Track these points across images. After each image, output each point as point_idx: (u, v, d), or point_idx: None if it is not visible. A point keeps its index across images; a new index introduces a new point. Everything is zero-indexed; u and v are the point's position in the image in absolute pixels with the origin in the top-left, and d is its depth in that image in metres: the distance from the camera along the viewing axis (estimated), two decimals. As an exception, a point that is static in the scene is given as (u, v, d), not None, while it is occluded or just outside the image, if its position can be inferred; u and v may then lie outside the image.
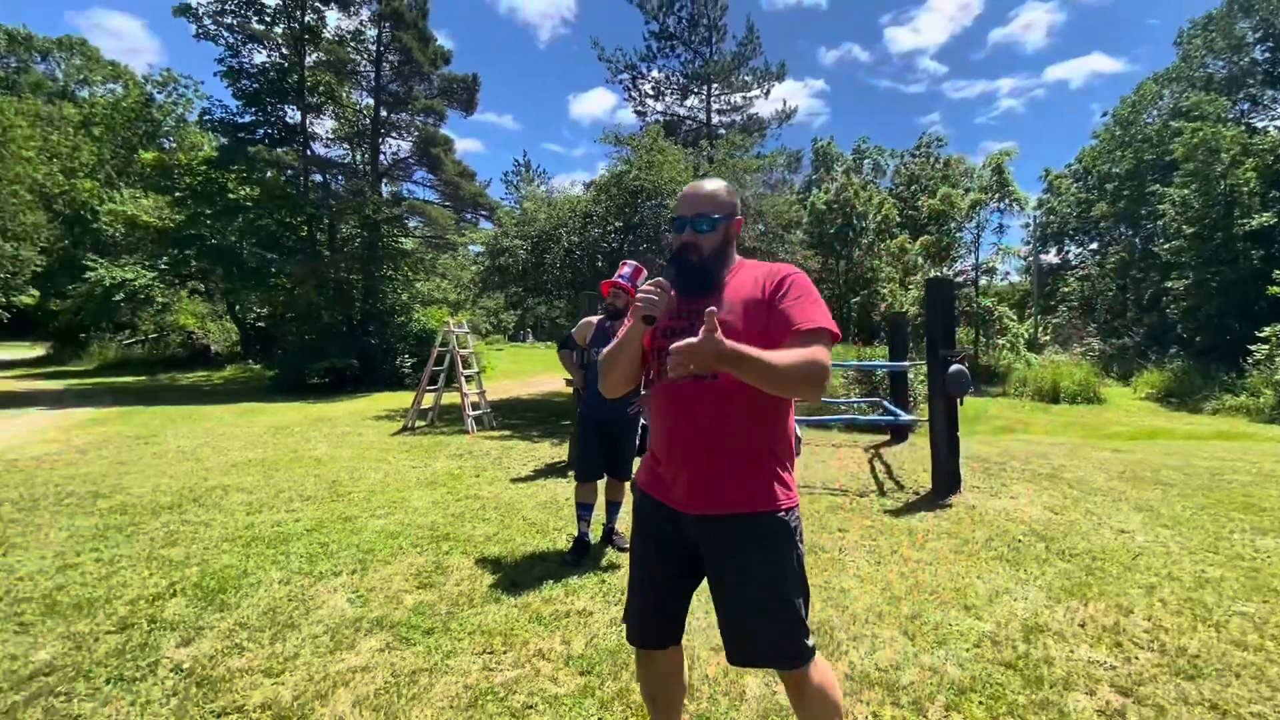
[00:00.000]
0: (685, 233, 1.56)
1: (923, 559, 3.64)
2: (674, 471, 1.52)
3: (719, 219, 1.56)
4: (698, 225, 1.54)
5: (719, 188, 1.59)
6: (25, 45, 42.14)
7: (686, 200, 1.58)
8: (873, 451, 7.56)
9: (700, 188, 1.59)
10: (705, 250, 1.54)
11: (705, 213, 1.55)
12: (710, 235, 1.55)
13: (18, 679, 2.25)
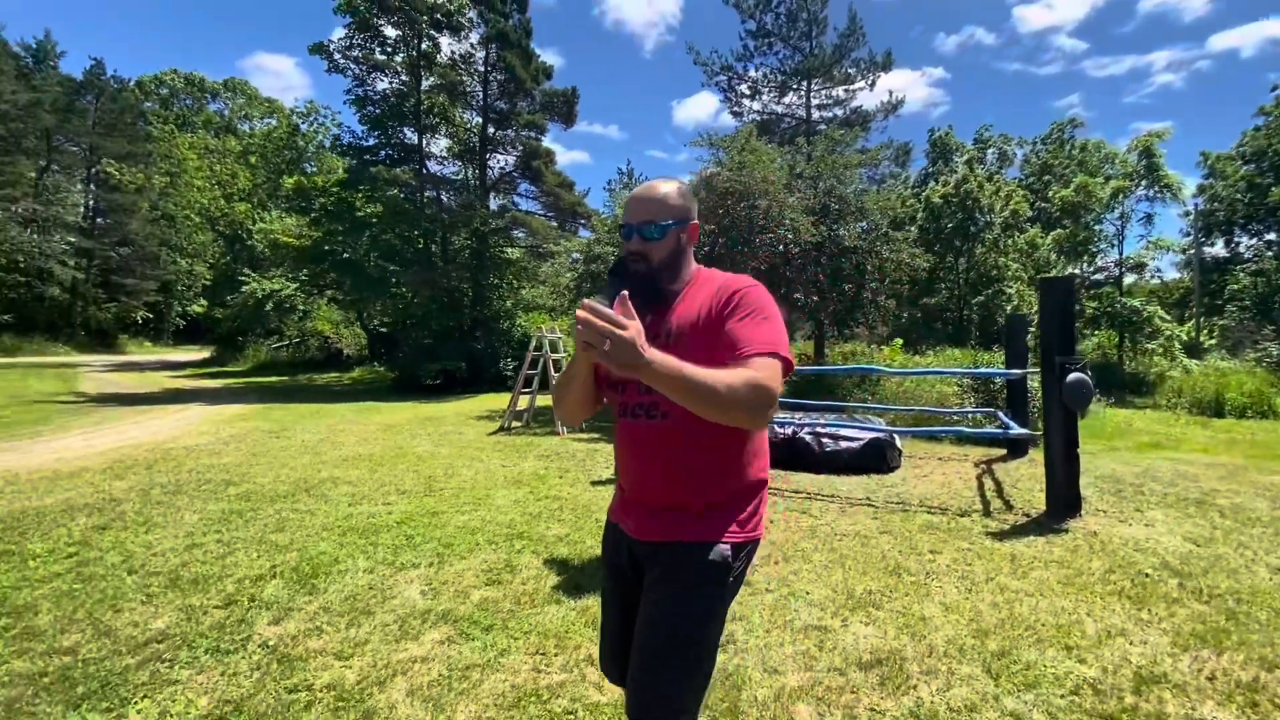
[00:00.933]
0: (632, 240, 1.40)
1: (1023, 589, 3.26)
2: (629, 500, 1.45)
3: (669, 225, 1.39)
4: (645, 232, 1.38)
5: (671, 190, 1.43)
6: (199, 88, 48.77)
7: (633, 205, 1.41)
8: (983, 467, 6.93)
9: (651, 190, 1.43)
10: (654, 260, 1.38)
11: (653, 219, 1.38)
12: (659, 243, 1.39)
13: (135, 644, 2.56)
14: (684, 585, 1.32)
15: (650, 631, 1.31)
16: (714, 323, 1.32)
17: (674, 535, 1.35)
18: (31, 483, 5.25)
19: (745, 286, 1.34)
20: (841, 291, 11.36)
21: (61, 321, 32.58)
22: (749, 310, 1.30)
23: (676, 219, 1.40)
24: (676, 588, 1.32)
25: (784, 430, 6.90)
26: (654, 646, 1.29)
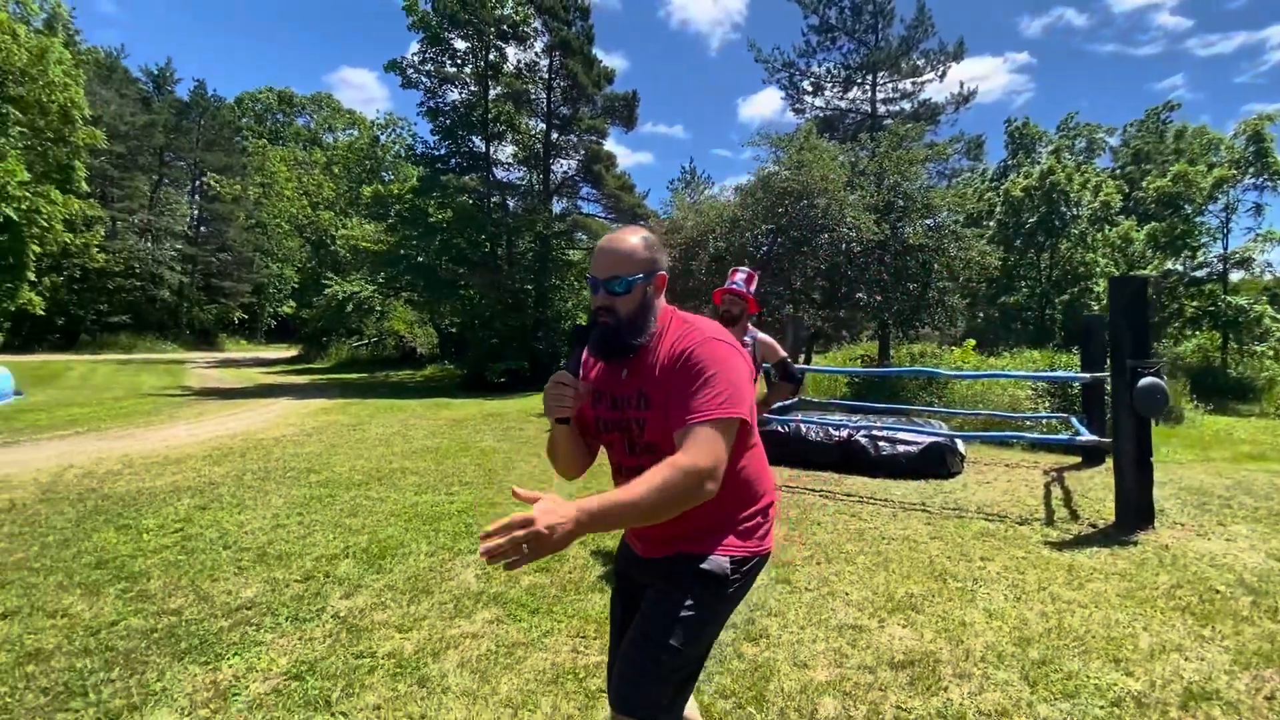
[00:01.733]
0: (599, 294, 1.39)
1: (1076, 600, 3.16)
2: (632, 534, 1.54)
3: (636, 279, 1.37)
4: (611, 287, 1.37)
5: (637, 243, 1.40)
6: (289, 103, 52.16)
7: (600, 259, 1.39)
8: (1054, 475, 6.63)
9: (617, 243, 1.40)
10: (620, 313, 1.37)
11: (619, 274, 1.37)
12: (626, 298, 1.37)
13: (228, 609, 2.90)
14: (679, 591, 1.35)
15: (639, 629, 1.35)
16: (669, 384, 1.32)
17: (675, 550, 1.40)
18: (145, 466, 5.89)
19: (693, 347, 1.32)
20: (906, 291, 11.05)
21: (170, 321, 35.74)
22: (694, 372, 1.29)
23: (644, 272, 1.38)
24: (671, 591, 1.36)
25: (839, 433, 6.83)
26: (640, 645, 1.33)
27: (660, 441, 1.32)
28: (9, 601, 2.90)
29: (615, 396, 1.41)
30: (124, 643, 2.57)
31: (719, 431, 1.22)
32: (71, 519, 4.19)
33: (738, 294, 3.48)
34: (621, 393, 1.40)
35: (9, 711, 2.08)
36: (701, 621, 1.34)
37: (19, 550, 3.58)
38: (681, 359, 1.32)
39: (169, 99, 39.91)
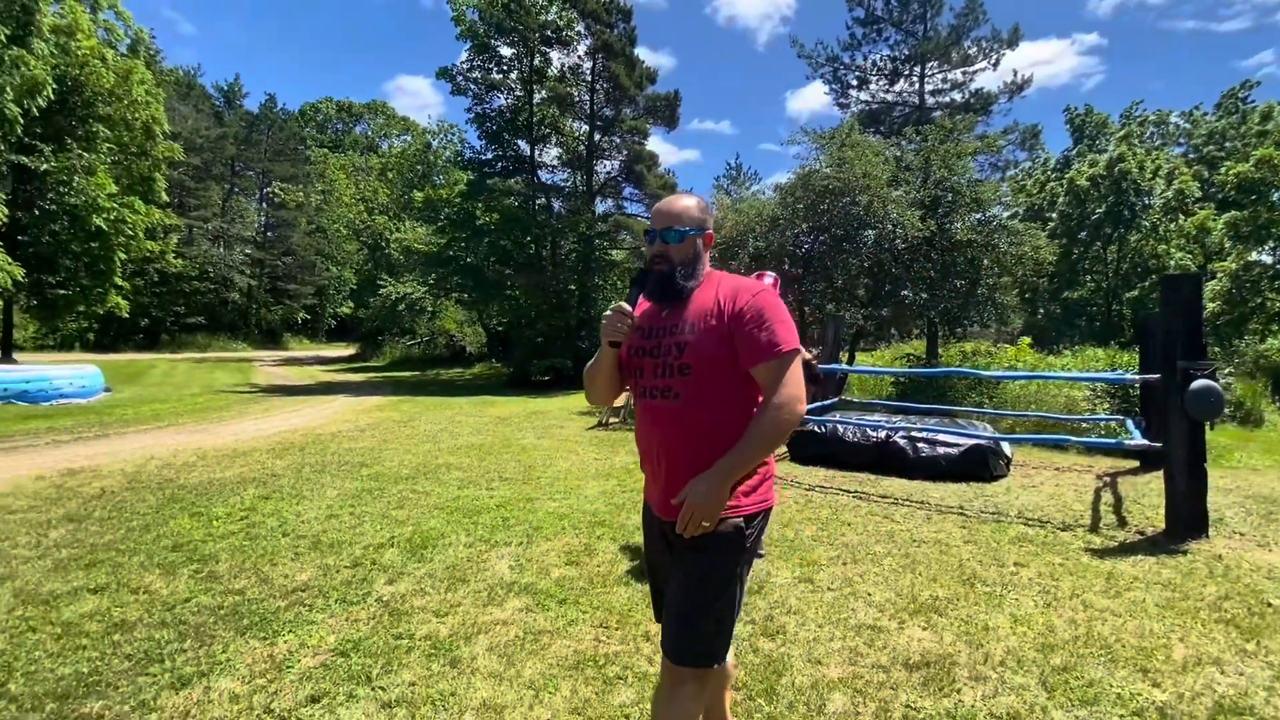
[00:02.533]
0: (655, 244, 1.65)
1: (1110, 609, 3.10)
2: (652, 478, 1.66)
3: (688, 231, 1.63)
4: (667, 236, 1.62)
5: (691, 203, 1.67)
6: (348, 112, 54.36)
7: (658, 215, 1.66)
8: (1106, 480, 6.39)
9: (674, 202, 1.67)
10: (675, 260, 1.62)
11: (674, 225, 1.62)
12: (679, 246, 1.62)
13: (285, 590, 3.16)
14: (704, 554, 1.54)
15: (680, 595, 1.54)
16: (725, 322, 1.54)
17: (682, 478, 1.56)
18: (216, 458, 6.36)
19: (754, 294, 1.55)
20: (953, 288, 10.74)
21: (240, 322, 37.92)
22: (761, 317, 1.51)
23: (695, 227, 1.64)
24: (698, 557, 1.54)
25: (876, 433, 6.75)
26: (685, 608, 1.53)
27: (694, 364, 1.54)
28: (100, 578, 3.24)
29: (653, 329, 1.62)
30: (195, 617, 2.84)
31: (798, 365, 1.52)
32: (152, 506, 4.60)
33: None
34: (662, 324, 1.61)
35: (99, 674, 2.36)
36: (732, 576, 1.55)
37: (109, 533, 3.97)
38: (743, 304, 1.54)
39: (239, 112, 42.32)
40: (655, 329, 1.62)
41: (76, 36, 16.14)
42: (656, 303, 1.64)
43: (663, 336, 1.59)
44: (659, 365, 1.58)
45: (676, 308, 1.61)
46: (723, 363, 1.53)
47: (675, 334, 1.57)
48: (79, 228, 17.44)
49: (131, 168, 19.36)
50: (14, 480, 5.22)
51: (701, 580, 1.53)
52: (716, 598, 1.53)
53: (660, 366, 1.58)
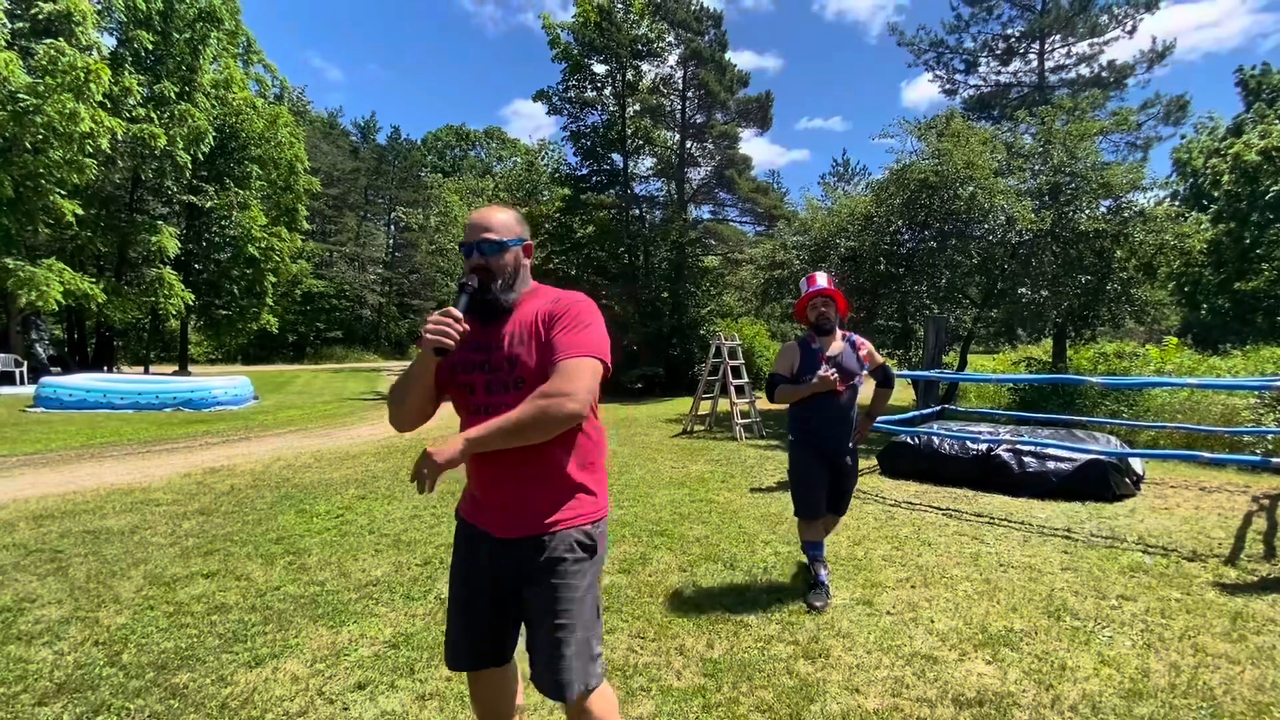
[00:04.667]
0: (473, 257, 1.57)
1: (1227, 654, 2.66)
2: (485, 497, 1.59)
3: (507, 243, 1.57)
4: (484, 249, 1.56)
5: (506, 216, 1.63)
6: (465, 139, 58.28)
7: (472, 228, 1.59)
8: (1264, 503, 5.48)
9: (488, 216, 1.61)
10: (495, 272, 1.55)
11: (491, 237, 1.56)
12: (497, 259, 1.56)
13: (359, 584, 3.45)
14: (560, 575, 1.50)
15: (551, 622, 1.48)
16: (542, 332, 1.53)
17: (537, 529, 1.52)
18: (329, 461, 7.06)
19: (571, 303, 1.56)
20: (1078, 284, 9.66)
21: (372, 335, 41.72)
22: (570, 322, 1.51)
23: (514, 238, 1.60)
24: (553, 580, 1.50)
25: (977, 446, 6.22)
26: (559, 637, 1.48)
27: (528, 377, 1.51)
28: (212, 565, 3.71)
29: (480, 343, 1.56)
30: (280, 604, 3.18)
31: (587, 368, 1.46)
32: (269, 502, 5.19)
33: (829, 294, 3.31)
34: (489, 339, 1.56)
35: (193, 649, 2.71)
36: (590, 588, 1.55)
37: (229, 525, 4.53)
38: (563, 309, 1.54)
39: (372, 146, 46.75)
40: (483, 343, 1.57)
41: (232, 89, 18.65)
42: (479, 317, 1.56)
43: (492, 350, 1.55)
44: (491, 381, 1.54)
45: (501, 321, 1.57)
46: (541, 375, 1.51)
47: (505, 347, 1.54)
48: (238, 256, 20.07)
49: (279, 201, 21.98)
50: (167, 477, 6.09)
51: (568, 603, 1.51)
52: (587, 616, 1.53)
53: (492, 382, 1.54)
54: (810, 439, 3.32)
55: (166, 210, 20.53)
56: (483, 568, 1.58)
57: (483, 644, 1.61)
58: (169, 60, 17.20)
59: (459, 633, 1.63)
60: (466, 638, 1.62)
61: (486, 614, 1.59)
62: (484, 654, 1.62)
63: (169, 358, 26.77)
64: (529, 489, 1.53)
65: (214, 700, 2.33)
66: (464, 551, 1.65)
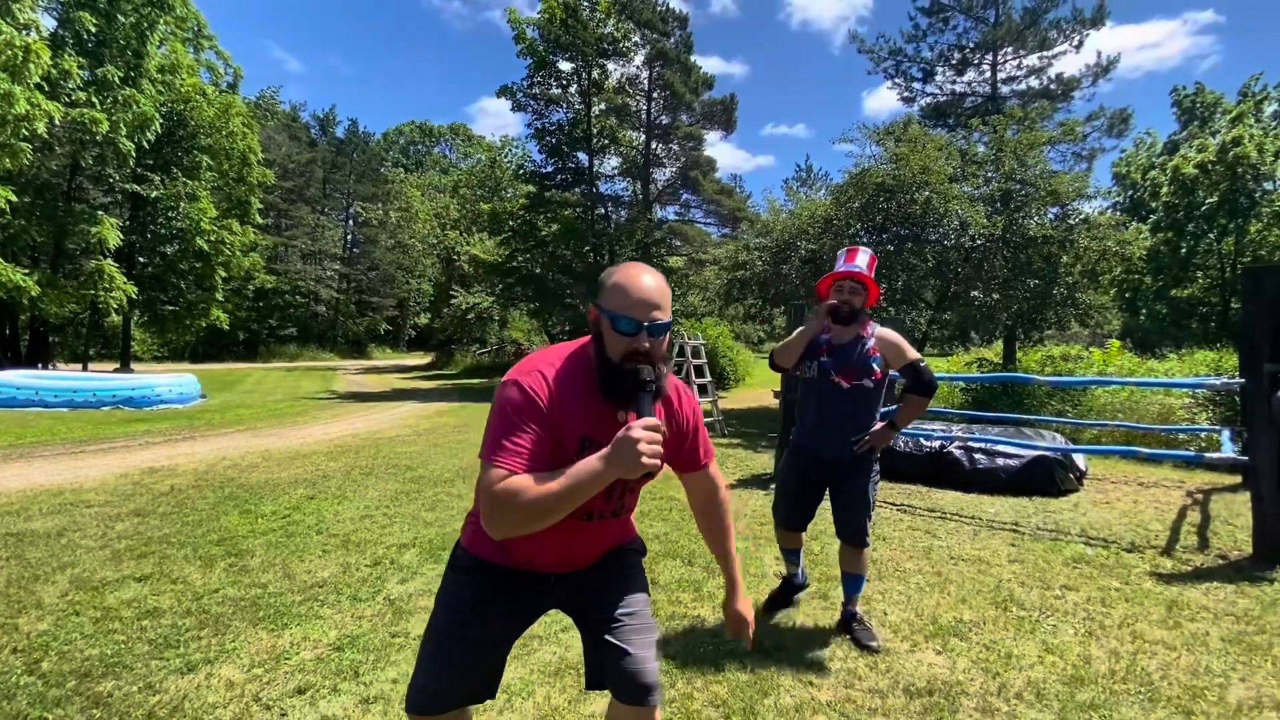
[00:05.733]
0: (639, 336, 1.27)
1: (1164, 641, 2.76)
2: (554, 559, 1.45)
3: (671, 325, 1.35)
4: (656, 330, 1.28)
5: (666, 285, 1.34)
6: (430, 135, 57.24)
7: (643, 293, 1.27)
8: (1196, 497, 5.75)
9: (657, 279, 1.31)
10: (656, 360, 1.29)
11: (664, 317, 1.29)
12: (661, 342, 1.31)
13: (304, 586, 3.31)
14: (634, 574, 1.54)
15: (639, 621, 1.44)
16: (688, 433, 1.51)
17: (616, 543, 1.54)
18: (278, 460, 6.80)
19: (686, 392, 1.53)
20: (1027, 288, 10.01)
21: (328, 333, 40.58)
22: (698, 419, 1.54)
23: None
24: (628, 579, 1.51)
25: (930, 444, 6.37)
26: (647, 632, 1.43)
27: (638, 484, 1.42)
28: (146, 568, 3.52)
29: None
30: (218, 608, 3.03)
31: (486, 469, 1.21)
32: (211, 502, 4.96)
33: (860, 279, 2.74)
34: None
35: (120, 656, 2.55)
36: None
37: (166, 527, 4.31)
38: (691, 403, 1.51)
39: (330, 138, 45.50)
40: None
41: (181, 75, 17.87)
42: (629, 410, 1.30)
43: None
44: (611, 490, 1.34)
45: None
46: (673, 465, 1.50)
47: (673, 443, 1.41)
48: (186, 249, 19.24)
49: (231, 193, 21.16)
50: (101, 478, 5.77)
51: (646, 595, 1.53)
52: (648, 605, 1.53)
53: (613, 490, 1.36)
54: (800, 435, 2.92)
55: (108, 200, 19.55)
56: (524, 602, 1.45)
57: (489, 683, 1.47)
58: (113, 44, 16.38)
59: (458, 675, 1.40)
60: (468, 678, 1.42)
61: (501, 651, 1.47)
62: (479, 693, 1.46)
63: (110, 355, 25.49)
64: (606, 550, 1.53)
65: (140, 709, 2.19)
66: (489, 589, 1.42)
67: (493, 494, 1.16)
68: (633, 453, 1.11)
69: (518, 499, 1.14)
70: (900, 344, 2.75)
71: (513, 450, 1.20)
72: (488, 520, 1.19)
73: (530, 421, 1.23)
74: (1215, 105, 26.60)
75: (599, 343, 1.31)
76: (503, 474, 1.17)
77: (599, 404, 1.30)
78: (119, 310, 17.55)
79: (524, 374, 1.29)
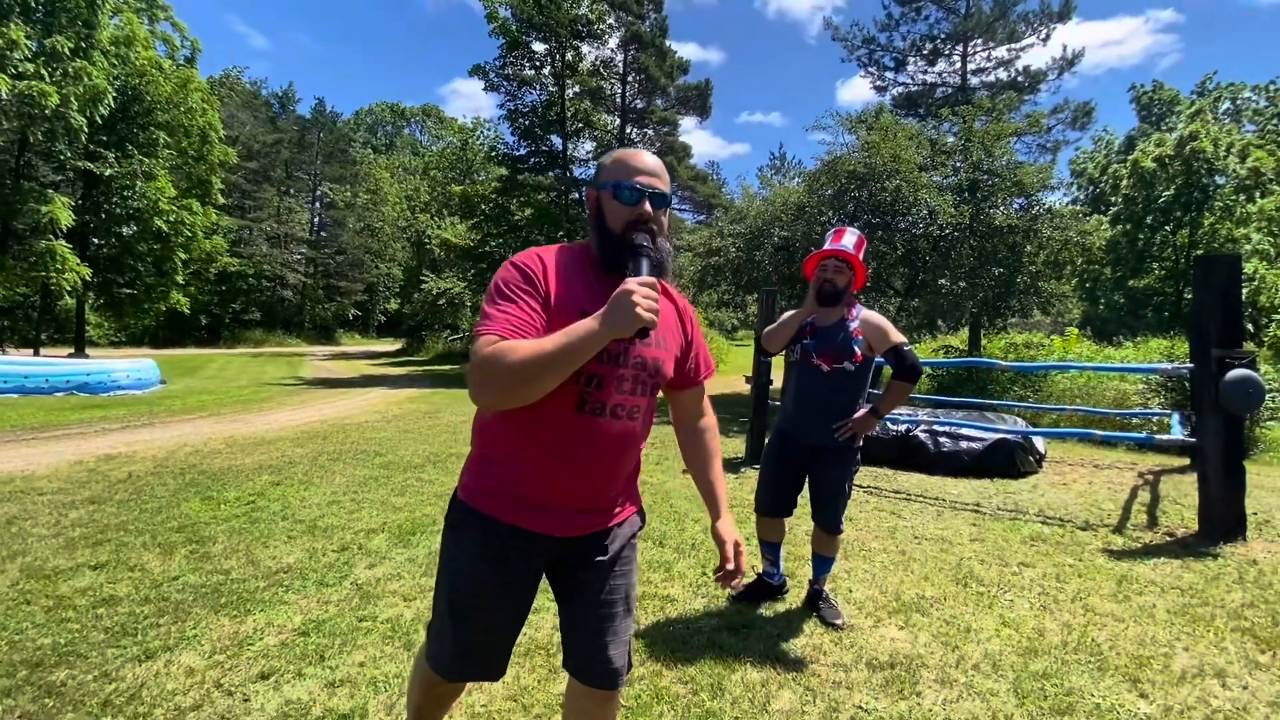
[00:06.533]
0: (639, 205, 1.25)
1: (1113, 614, 2.88)
2: (558, 499, 1.32)
3: (672, 199, 1.41)
4: (657, 200, 1.28)
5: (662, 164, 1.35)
6: (401, 115, 55.88)
7: (638, 164, 1.28)
8: (1147, 478, 5.99)
9: (648, 158, 1.31)
10: (658, 235, 1.27)
11: (664, 189, 1.29)
12: (664, 215, 1.30)
13: (269, 572, 3.25)
14: (629, 550, 1.43)
15: (622, 605, 1.40)
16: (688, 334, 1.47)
17: (612, 521, 1.39)
18: (242, 446, 6.64)
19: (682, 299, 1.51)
20: (992, 276, 10.24)
21: (295, 318, 39.59)
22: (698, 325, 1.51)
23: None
24: (622, 558, 1.41)
25: (896, 427, 6.50)
26: (625, 615, 1.41)
27: (662, 383, 1.38)
28: (102, 556, 3.41)
29: None
30: (178, 595, 2.95)
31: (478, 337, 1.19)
32: (171, 489, 4.82)
33: (846, 258, 2.67)
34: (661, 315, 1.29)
35: (74, 645, 2.48)
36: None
37: (123, 514, 4.18)
38: (692, 313, 1.47)
39: (293, 116, 44.08)
40: None
41: (135, 47, 17.08)
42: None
43: (627, 343, 1.23)
44: (630, 377, 1.28)
45: None
46: (667, 382, 1.41)
47: (645, 343, 1.26)
48: (143, 230, 18.52)
49: (190, 172, 20.41)
50: (54, 465, 5.57)
51: (632, 578, 1.44)
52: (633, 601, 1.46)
53: (629, 379, 1.28)
54: (782, 419, 2.88)
55: (59, 178, 18.69)
56: (527, 569, 1.35)
57: (509, 646, 1.44)
58: (63, 13, 15.56)
59: (491, 638, 1.39)
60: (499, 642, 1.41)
61: (523, 612, 1.41)
62: (506, 657, 1.44)
63: (64, 340, 24.49)
64: (618, 489, 1.39)
65: (95, 697, 2.14)
66: (502, 552, 1.33)
67: (482, 357, 1.12)
68: (628, 305, 1.09)
69: (507, 358, 1.10)
70: (884, 327, 2.70)
71: (501, 319, 1.17)
72: (477, 387, 1.14)
73: (521, 293, 1.20)
74: (1172, 102, 27.37)
75: (599, 221, 1.30)
76: (492, 339, 1.14)
77: (599, 282, 1.28)
78: (72, 293, 16.86)
79: (520, 255, 1.29)
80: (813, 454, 2.76)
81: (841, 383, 2.69)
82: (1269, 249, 22.08)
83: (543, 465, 1.28)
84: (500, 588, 1.34)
